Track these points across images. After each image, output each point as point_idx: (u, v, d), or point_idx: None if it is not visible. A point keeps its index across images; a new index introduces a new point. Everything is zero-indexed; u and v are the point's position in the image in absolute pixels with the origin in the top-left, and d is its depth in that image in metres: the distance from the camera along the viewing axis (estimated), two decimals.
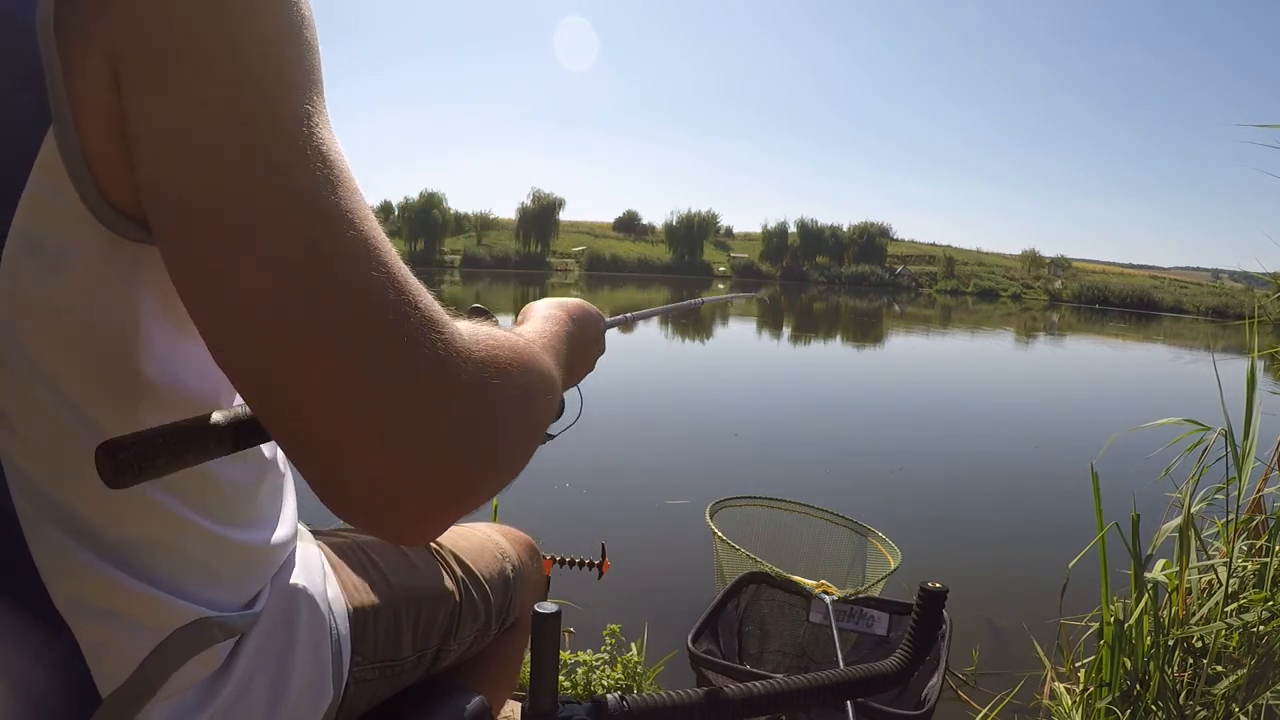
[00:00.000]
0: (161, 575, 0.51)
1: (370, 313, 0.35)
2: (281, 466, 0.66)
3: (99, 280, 0.42)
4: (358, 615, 0.72)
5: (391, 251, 0.38)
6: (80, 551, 0.47)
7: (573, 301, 0.73)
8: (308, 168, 0.36)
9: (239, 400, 0.57)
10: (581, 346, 0.70)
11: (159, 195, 0.37)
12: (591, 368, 0.77)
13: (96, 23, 0.37)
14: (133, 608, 0.50)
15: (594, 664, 2.12)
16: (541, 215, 58.84)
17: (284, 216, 0.35)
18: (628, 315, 1.02)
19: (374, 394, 0.34)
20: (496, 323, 0.69)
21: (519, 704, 1.80)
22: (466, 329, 0.40)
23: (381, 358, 0.35)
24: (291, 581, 0.65)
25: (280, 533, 0.64)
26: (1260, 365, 2.26)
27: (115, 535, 0.48)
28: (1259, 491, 2.32)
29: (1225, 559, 2.15)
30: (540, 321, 0.63)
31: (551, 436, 0.85)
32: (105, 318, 0.43)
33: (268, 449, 0.61)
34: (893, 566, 2.55)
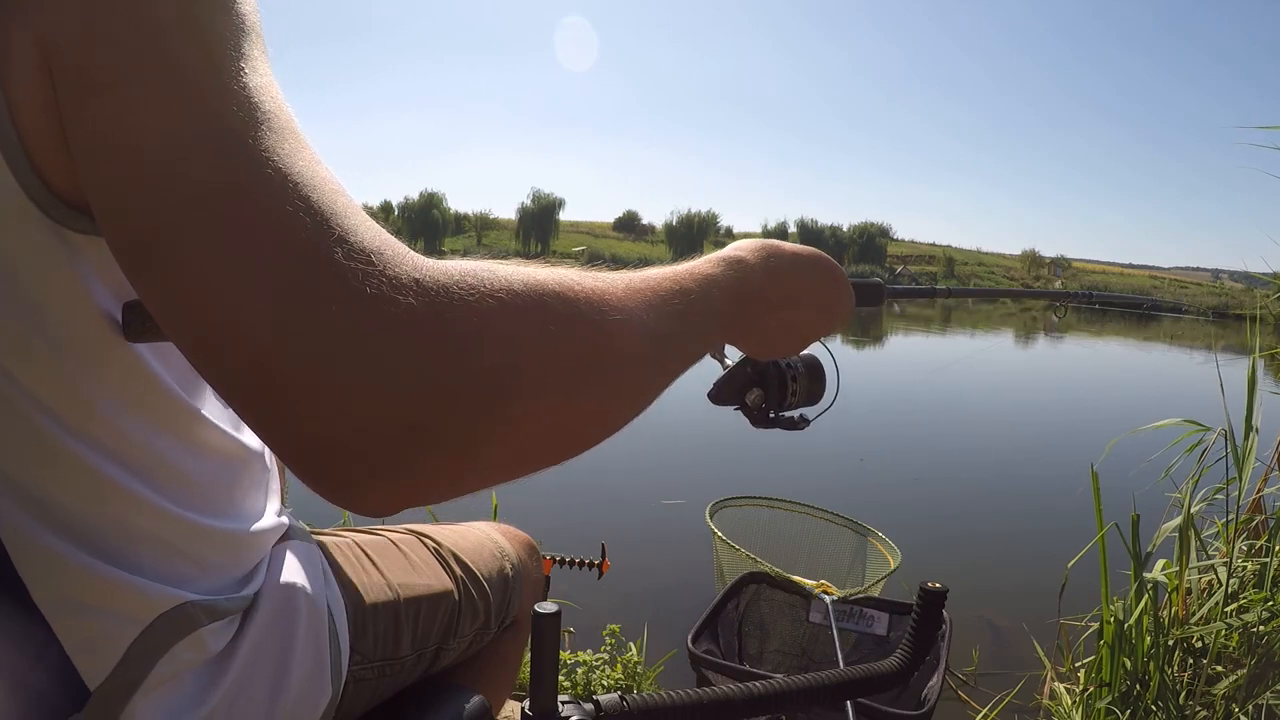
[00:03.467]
0: (139, 562, 0.51)
1: (286, 247, 0.32)
2: (266, 459, 0.66)
3: (49, 275, 0.42)
4: (357, 614, 0.72)
5: (323, 187, 0.35)
6: (56, 543, 0.47)
7: (786, 251, 0.58)
8: (230, 111, 0.35)
9: (201, 385, 0.56)
10: (771, 303, 0.56)
11: (93, 170, 0.35)
12: (803, 335, 0.62)
13: (18, 13, 0.36)
14: (111, 597, 0.49)
15: (594, 664, 2.12)
16: (541, 215, 58.89)
17: (203, 161, 0.34)
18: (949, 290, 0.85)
19: (295, 336, 0.31)
20: None
21: (519, 704, 1.80)
22: (440, 264, 0.35)
23: (299, 295, 0.32)
24: (291, 581, 0.65)
25: (263, 522, 0.63)
26: (1260, 365, 2.26)
27: (92, 525, 0.48)
28: (1259, 492, 2.32)
29: (1225, 559, 2.15)
30: (693, 264, 0.51)
31: (807, 422, 0.72)
32: (57, 309, 0.43)
33: (250, 435, 0.61)
34: (893, 566, 2.55)
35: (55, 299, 0.43)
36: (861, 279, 0.69)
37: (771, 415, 0.72)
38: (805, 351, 0.71)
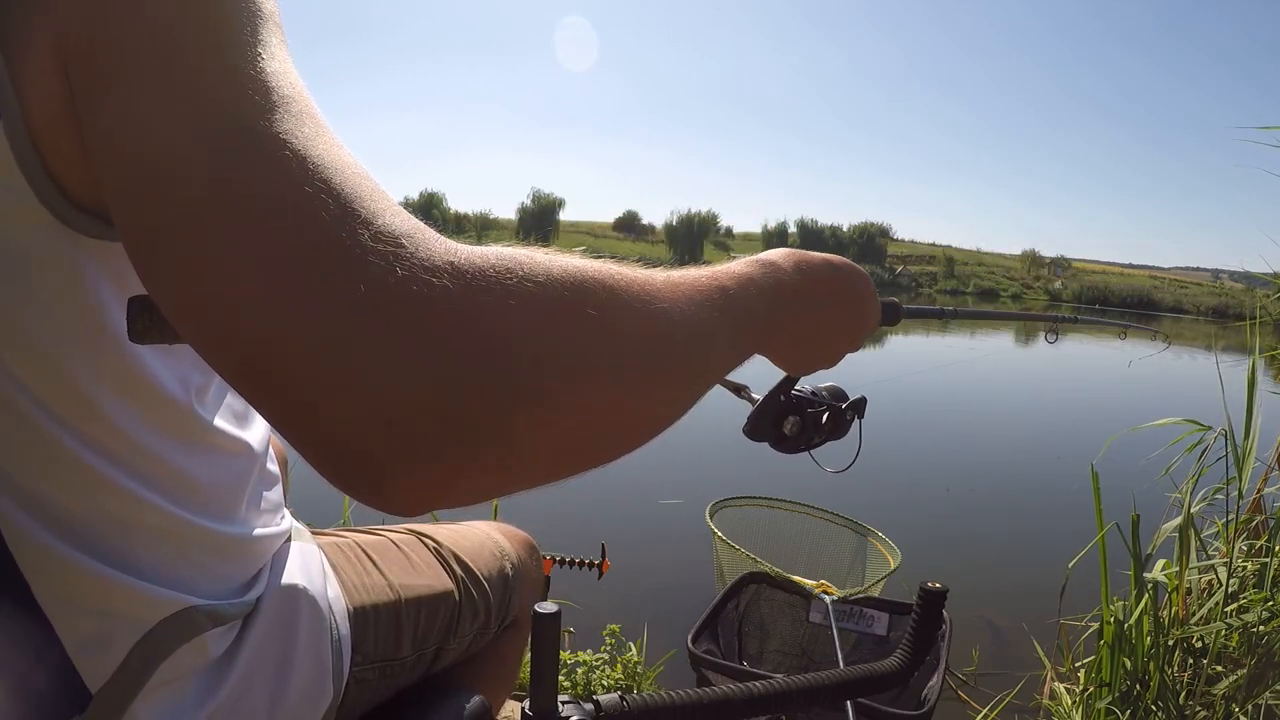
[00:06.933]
0: (140, 565, 0.51)
1: (305, 230, 0.30)
2: (269, 463, 0.66)
3: (57, 277, 0.42)
4: (358, 615, 0.72)
5: (346, 170, 0.33)
6: (55, 542, 0.47)
7: (817, 256, 0.57)
8: (244, 97, 0.34)
9: (206, 390, 0.56)
10: (806, 302, 0.53)
11: (109, 167, 0.34)
12: (838, 345, 0.60)
13: (38, 13, 0.36)
14: (112, 599, 0.50)
15: (594, 664, 2.12)
16: (542, 215, 58.87)
17: (214, 150, 0.32)
18: (945, 310, 0.86)
19: (316, 323, 0.29)
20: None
21: (519, 704, 1.80)
22: (475, 249, 0.33)
23: (320, 280, 0.30)
24: (292, 582, 0.65)
25: (267, 528, 0.63)
26: (1261, 365, 2.26)
27: (93, 528, 0.48)
28: (1259, 491, 2.32)
29: (1225, 559, 2.15)
30: (726, 265, 0.48)
31: (828, 437, 0.72)
32: (66, 313, 0.43)
33: (257, 442, 0.61)
34: (892, 566, 2.55)
35: (61, 301, 0.43)
36: (882, 298, 0.64)
37: (803, 445, 0.73)
38: (829, 384, 0.73)
